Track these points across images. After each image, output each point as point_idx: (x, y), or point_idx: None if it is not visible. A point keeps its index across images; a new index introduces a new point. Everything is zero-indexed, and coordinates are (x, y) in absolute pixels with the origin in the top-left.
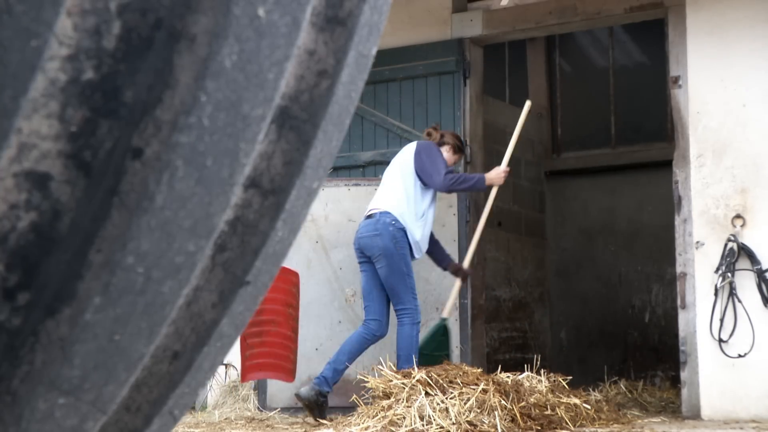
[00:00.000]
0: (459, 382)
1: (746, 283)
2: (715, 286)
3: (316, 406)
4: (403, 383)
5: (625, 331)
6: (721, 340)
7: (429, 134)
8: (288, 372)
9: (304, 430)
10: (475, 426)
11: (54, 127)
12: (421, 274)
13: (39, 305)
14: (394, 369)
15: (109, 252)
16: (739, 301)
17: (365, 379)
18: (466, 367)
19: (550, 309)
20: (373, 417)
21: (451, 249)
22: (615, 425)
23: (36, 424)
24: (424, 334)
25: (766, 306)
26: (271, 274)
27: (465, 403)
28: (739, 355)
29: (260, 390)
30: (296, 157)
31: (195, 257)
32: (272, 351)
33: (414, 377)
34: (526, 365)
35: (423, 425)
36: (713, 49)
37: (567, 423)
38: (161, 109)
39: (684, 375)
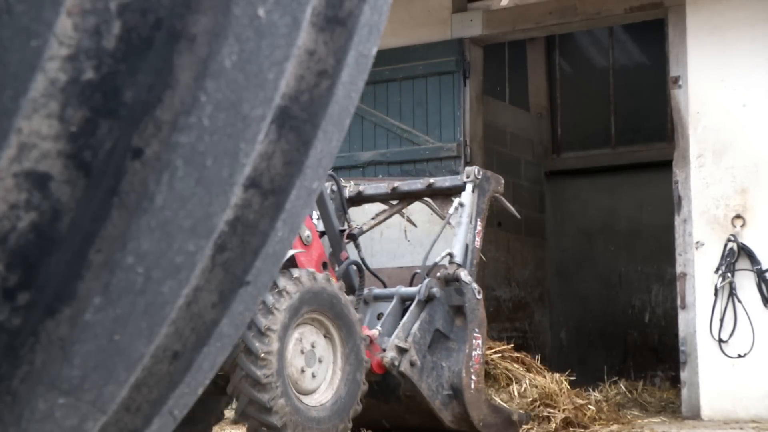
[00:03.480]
0: None
1: (746, 283)
2: (715, 286)
3: None
4: None
5: (625, 331)
6: (721, 340)
7: None
8: None
9: None
10: None
11: (54, 127)
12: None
13: (39, 305)
14: None
15: (109, 252)
16: (739, 301)
17: None
18: None
19: (550, 309)
20: None
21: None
22: (615, 425)
23: (36, 424)
24: None
25: (766, 306)
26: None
27: None
28: (739, 355)
29: None
30: (296, 157)
31: (195, 257)
32: None
33: None
34: None
35: None
36: (713, 49)
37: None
38: (161, 109)
39: (684, 375)
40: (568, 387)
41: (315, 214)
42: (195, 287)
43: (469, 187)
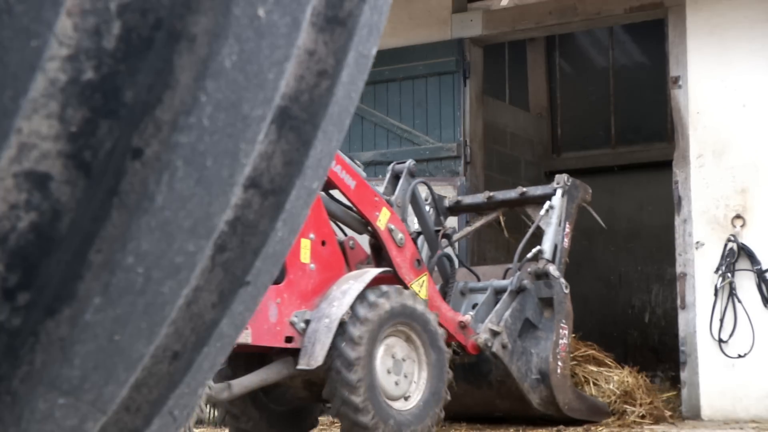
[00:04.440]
0: None
1: (746, 283)
2: (715, 286)
3: None
4: None
5: (625, 331)
6: (721, 341)
7: None
8: None
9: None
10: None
11: (54, 127)
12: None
13: (39, 305)
14: None
15: (109, 252)
16: (739, 301)
17: None
18: None
19: None
20: None
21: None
22: (616, 425)
23: (36, 424)
24: None
25: (766, 306)
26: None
27: None
28: (739, 356)
29: None
30: (296, 157)
31: (195, 257)
32: None
33: None
34: None
35: None
36: (713, 49)
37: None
38: (161, 109)
39: (684, 375)
40: (646, 382)
41: (414, 219)
42: (195, 287)
43: (558, 192)
